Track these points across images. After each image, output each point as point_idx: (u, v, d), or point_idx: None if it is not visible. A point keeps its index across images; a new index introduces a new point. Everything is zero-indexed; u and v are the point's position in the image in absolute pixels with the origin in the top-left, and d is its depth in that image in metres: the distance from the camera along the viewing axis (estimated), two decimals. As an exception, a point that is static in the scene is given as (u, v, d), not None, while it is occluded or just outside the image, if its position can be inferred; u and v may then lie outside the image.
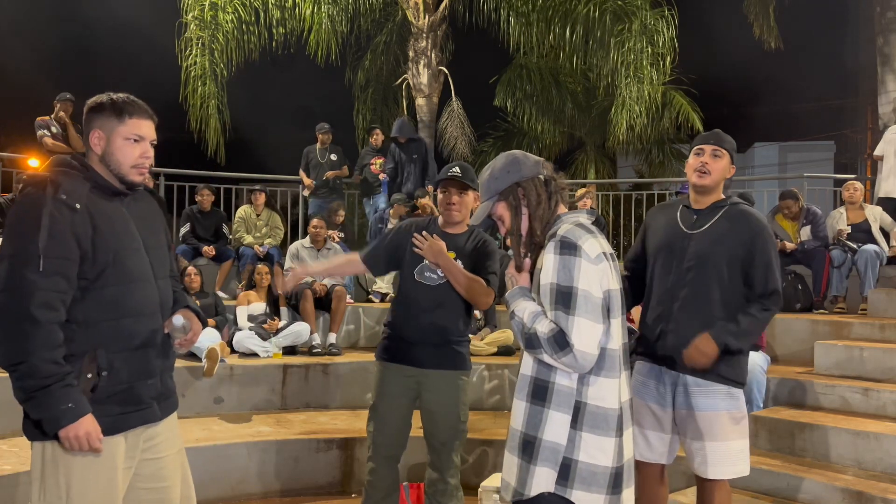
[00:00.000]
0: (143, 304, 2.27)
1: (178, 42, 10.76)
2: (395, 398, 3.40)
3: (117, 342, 2.21)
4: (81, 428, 2.10)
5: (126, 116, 2.24)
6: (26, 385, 2.08)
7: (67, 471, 2.16)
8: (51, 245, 2.07)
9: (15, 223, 2.16)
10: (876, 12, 10.92)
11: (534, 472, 2.06)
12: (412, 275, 3.37)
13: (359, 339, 7.08)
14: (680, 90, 12.59)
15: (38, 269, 2.05)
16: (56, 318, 2.09)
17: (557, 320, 2.02)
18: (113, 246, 2.19)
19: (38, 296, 2.05)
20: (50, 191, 2.11)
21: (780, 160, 24.40)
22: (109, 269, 2.17)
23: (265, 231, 8.30)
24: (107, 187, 2.24)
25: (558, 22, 10.70)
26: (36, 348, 2.05)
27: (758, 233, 2.89)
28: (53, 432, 2.10)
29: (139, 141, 2.25)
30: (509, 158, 2.26)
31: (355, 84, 13.37)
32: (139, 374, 2.26)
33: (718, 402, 2.88)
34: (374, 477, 3.45)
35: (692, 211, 3.00)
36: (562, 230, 2.10)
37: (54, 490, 2.17)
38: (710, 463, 2.89)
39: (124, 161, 2.24)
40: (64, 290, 2.10)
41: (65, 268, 2.10)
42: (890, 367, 4.89)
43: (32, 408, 2.11)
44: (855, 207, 7.01)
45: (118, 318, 2.20)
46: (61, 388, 2.07)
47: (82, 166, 2.23)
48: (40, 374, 2.06)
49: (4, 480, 3.91)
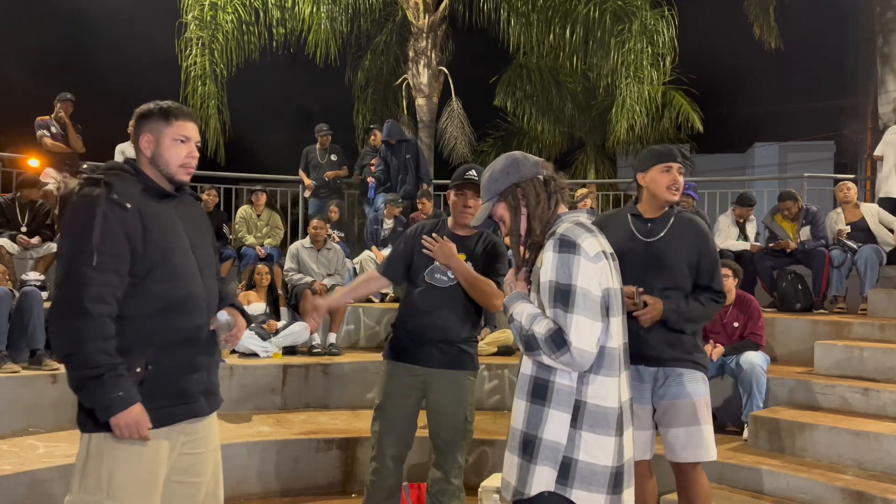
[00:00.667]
0: (190, 301, 2.36)
1: (178, 42, 10.76)
2: (402, 397, 3.40)
3: (164, 337, 2.30)
4: (131, 416, 2.19)
5: (173, 119, 2.38)
6: (80, 374, 2.18)
7: (111, 464, 2.24)
8: (104, 242, 2.18)
9: (71, 222, 2.28)
10: (875, 12, 10.91)
11: (534, 471, 2.06)
12: (423, 276, 3.38)
13: (359, 339, 7.08)
14: (680, 90, 12.59)
15: (92, 265, 2.16)
16: (108, 312, 2.19)
17: (556, 318, 2.02)
18: (161, 244, 2.30)
19: (92, 290, 2.16)
20: (103, 191, 2.23)
21: (780, 160, 24.37)
22: (158, 267, 2.28)
23: (266, 231, 8.30)
24: (156, 189, 2.37)
25: (558, 22, 10.69)
26: (88, 339, 2.15)
27: (705, 237, 3.17)
28: (105, 420, 2.19)
29: (185, 141, 2.39)
30: (509, 160, 2.27)
31: (355, 84, 13.37)
32: (185, 368, 2.36)
33: (699, 388, 3.09)
34: (378, 477, 3.44)
35: (644, 220, 3.18)
36: (561, 229, 2.11)
37: (95, 482, 2.24)
38: (701, 446, 3.05)
39: (172, 161, 2.37)
40: (115, 286, 2.21)
41: (116, 264, 2.21)
42: (890, 367, 4.90)
43: (85, 396, 2.21)
44: (850, 207, 7.02)
45: (166, 313, 2.29)
46: (112, 377, 2.17)
47: (133, 170, 2.36)
48: (92, 364, 2.15)
49: (4, 480, 3.90)
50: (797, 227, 6.90)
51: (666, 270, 3.08)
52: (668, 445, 3.11)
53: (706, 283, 3.12)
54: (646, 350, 3.06)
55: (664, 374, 3.09)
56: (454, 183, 3.42)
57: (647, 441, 3.14)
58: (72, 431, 4.76)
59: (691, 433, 3.04)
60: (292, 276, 6.84)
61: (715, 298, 3.13)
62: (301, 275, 6.85)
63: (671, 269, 3.08)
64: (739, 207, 7.23)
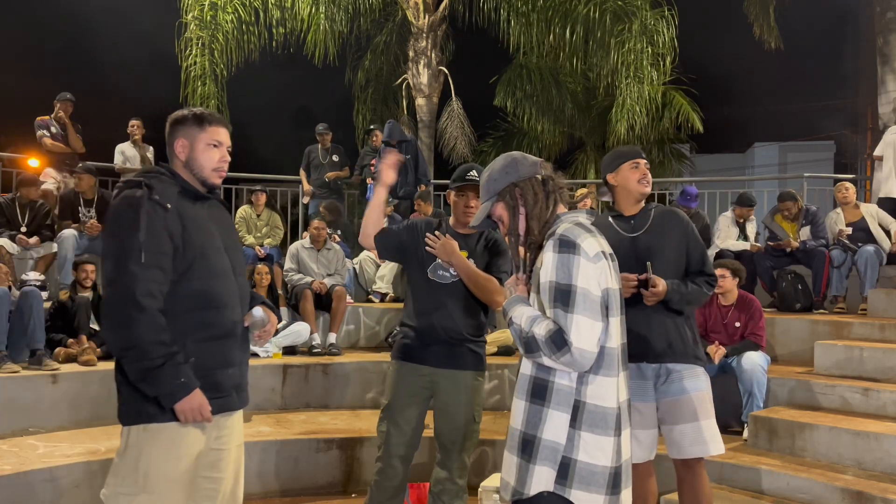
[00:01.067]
0: (226, 297, 2.45)
1: (178, 42, 10.76)
2: (410, 397, 3.39)
3: (202, 332, 2.38)
4: (195, 400, 2.30)
5: (206, 125, 2.49)
6: (141, 366, 2.26)
7: (148, 457, 2.31)
8: (149, 240, 2.28)
9: (117, 223, 2.35)
10: (876, 12, 10.91)
11: (533, 471, 2.06)
12: (425, 273, 3.38)
13: (359, 339, 7.08)
14: (680, 90, 12.59)
15: (140, 262, 2.25)
16: (158, 306, 2.29)
17: (556, 318, 2.02)
18: (199, 243, 2.39)
19: (142, 286, 2.25)
20: (145, 192, 2.33)
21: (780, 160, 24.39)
22: (196, 264, 2.37)
23: (265, 231, 8.30)
24: (191, 191, 2.47)
25: (558, 22, 10.69)
26: (145, 332, 2.25)
27: (686, 224, 3.28)
28: (170, 406, 2.29)
29: (218, 146, 2.50)
30: (507, 160, 2.28)
31: (355, 84, 13.37)
32: (221, 363, 2.44)
33: (700, 383, 3.14)
34: (383, 477, 3.42)
35: (625, 219, 3.27)
36: (560, 229, 2.11)
37: (132, 475, 2.31)
38: (707, 441, 3.09)
39: (206, 164, 2.48)
40: (161, 282, 2.30)
41: (161, 261, 2.30)
42: (890, 367, 4.90)
43: (148, 386, 2.28)
44: (850, 207, 7.02)
45: (203, 309, 2.39)
46: (173, 365, 2.27)
47: (170, 173, 2.47)
48: (152, 355, 2.25)
49: (4, 480, 3.90)
50: (797, 227, 6.90)
51: (659, 257, 3.14)
52: (673, 443, 3.12)
53: (698, 268, 3.21)
54: (647, 347, 3.09)
55: (665, 370, 3.11)
56: (455, 184, 3.43)
57: (653, 440, 3.16)
58: (72, 431, 4.79)
59: (697, 428, 3.07)
60: (292, 277, 6.84)
61: (708, 281, 3.20)
62: (301, 275, 6.85)
63: (661, 259, 3.14)
64: (740, 207, 7.23)
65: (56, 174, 7.83)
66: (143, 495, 2.30)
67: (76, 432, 4.80)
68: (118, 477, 2.33)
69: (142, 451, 2.31)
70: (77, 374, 5.16)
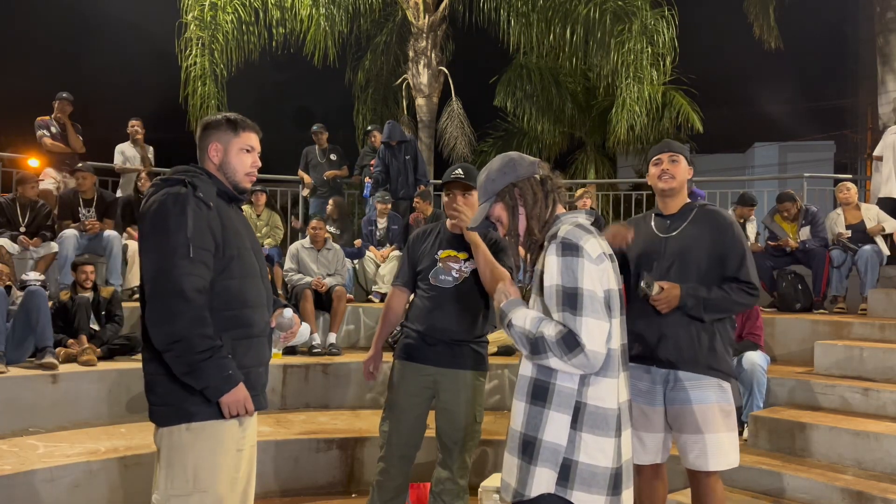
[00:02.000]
0: (258, 297, 2.50)
1: (178, 42, 10.76)
2: (412, 397, 3.40)
3: (239, 330, 2.42)
4: (240, 393, 2.33)
5: (240, 130, 2.53)
6: (188, 359, 2.27)
7: (196, 455, 2.33)
8: (196, 236, 2.31)
9: (163, 218, 2.34)
10: (876, 12, 10.91)
11: (534, 472, 2.06)
12: (427, 278, 3.41)
13: (359, 339, 7.08)
14: (680, 90, 12.59)
15: (189, 256, 2.28)
16: (203, 300, 2.31)
17: (565, 322, 2.01)
18: (236, 243, 2.44)
19: (189, 280, 2.27)
20: (190, 190, 2.36)
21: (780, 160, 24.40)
22: (234, 263, 2.42)
23: (265, 231, 8.30)
24: (226, 193, 2.52)
25: (558, 22, 10.70)
26: (191, 326, 2.26)
27: (726, 227, 3.04)
28: (216, 399, 2.31)
29: (251, 151, 2.55)
30: (505, 160, 2.27)
31: (355, 84, 13.38)
32: (256, 361, 2.48)
33: (710, 395, 2.96)
34: (385, 477, 3.43)
35: (664, 217, 3.15)
36: (562, 231, 2.11)
37: (181, 476, 2.32)
38: (708, 455, 2.94)
39: (239, 169, 2.52)
40: (206, 277, 2.33)
41: (206, 257, 2.34)
42: (890, 367, 4.89)
43: (195, 379, 2.29)
44: (851, 208, 7.01)
45: (241, 307, 2.42)
46: (219, 358, 2.29)
47: (206, 173, 2.50)
48: (199, 348, 2.26)
49: (4, 480, 3.90)
50: (797, 227, 6.90)
51: (687, 265, 3.00)
52: (680, 451, 3.04)
53: (732, 274, 2.98)
54: (657, 351, 2.99)
55: (674, 376, 2.99)
56: (443, 184, 3.43)
57: (660, 444, 3.06)
58: (72, 431, 4.79)
59: (699, 441, 2.94)
60: (292, 277, 6.84)
61: (745, 289, 2.97)
62: (301, 275, 6.85)
63: (693, 262, 3.00)
64: (740, 207, 7.23)
65: (56, 174, 7.83)
66: (197, 495, 2.32)
67: (76, 432, 4.80)
68: (168, 480, 2.33)
69: (188, 451, 2.33)
70: (77, 374, 5.16)
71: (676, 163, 3.11)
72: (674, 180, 3.10)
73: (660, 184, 3.11)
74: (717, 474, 3.01)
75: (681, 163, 3.11)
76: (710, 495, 3.03)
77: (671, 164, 3.10)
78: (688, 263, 3.00)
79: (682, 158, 3.13)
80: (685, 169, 3.14)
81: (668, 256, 3.03)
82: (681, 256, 3.01)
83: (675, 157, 3.11)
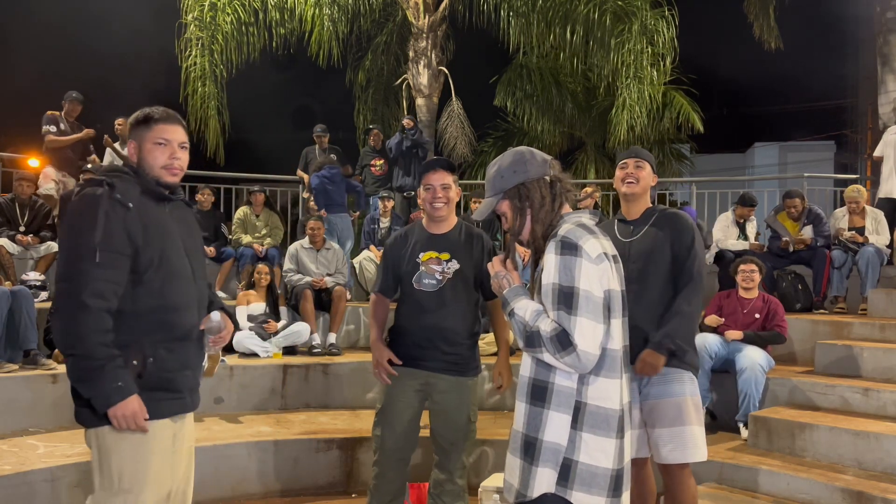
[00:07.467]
0: (185, 300, 2.44)
1: (177, 42, 10.75)
2: (404, 401, 3.39)
3: (161, 333, 2.37)
4: (129, 407, 2.26)
5: (152, 123, 2.45)
6: (81, 365, 2.26)
7: (119, 457, 2.32)
8: (106, 239, 2.25)
9: (74, 220, 2.32)
10: (876, 12, 10.91)
11: (535, 473, 2.06)
12: (411, 283, 3.38)
13: (359, 339, 7.08)
14: (680, 90, 12.59)
15: (94, 261, 2.22)
16: (106, 307, 2.26)
17: (560, 320, 2.01)
18: (159, 245, 2.37)
19: (92, 286, 2.23)
20: (106, 191, 2.30)
21: (780, 160, 24.43)
22: (156, 265, 2.35)
23: (264, 231, 8.29)
24: (153, 192, 2.43)
25: (558, 22, 10.69)
26: (89, 332, 2.23)
27: (682, 229, 3.12)
28: (103, 410, 2.26)
29: (166, 144, 2.44)
30: (517, 157, 2.26)
31: (356, 84, 13.36)
32: (180, 364, 2.43)
33: (685, 388, 3.06)
34: (381, 481, 3.42)
35: (627, 223, 3.24)
36: (563, 230, 2.10)
37: (109, 479, 2.32)
38: (684, 447, 3.00)
39: (154, 163, 2.44)
40: (117, 282, 2.28)
41: (119, 261, 2.28)
42: (890, 367, 4.90)
43: (85, 387, 2.28)
44: (857, 210, 6.99)
45: (163, 311, 2.37)
46: (112, 368, 2.24)
47: (133, 173, 2.44)
48: (94, 356, 2.23)
49: (4, 480, 3.90)
50: (799, 226, 6.90)
51: (646, 270, 3.06)
52: (653, 446, 3.07)
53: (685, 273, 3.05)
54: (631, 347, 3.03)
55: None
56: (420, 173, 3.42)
57: (635, 440, 3.08)
58: (72, 431, 4.78)
59: (675, 433, 3.00)
60: (291, 277, 6.84)
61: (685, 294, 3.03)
62: (300, 275, 6.85)
63: (651, 267, 3.07)
64: (741, 207, 7.23)
65: (56, 174, 7.81)
66: (122, 495, 2.31)
67: (76, 432, 4.79)
68: (100, 483, 2.34)
69: (112, 452, 2.32)
70: (77, 374, 5.15)
71: (641, 168, 3.19)
72: (637, 185, 3.18)
73: (623, 187, 3.19)
74: (689, 468, 3.08)
75: (645, 169, 3.22)
76: (684, 490, 3.07)
77: (636, 169, 3.19)
78: (651, 264, 3.08)
79: (648, 165, 3.24)
80: (649, 175, 3.22)
81: (632, 260, 3.07)
82: (644, 257, 3.09)
83: (640, 164, 3.20)
